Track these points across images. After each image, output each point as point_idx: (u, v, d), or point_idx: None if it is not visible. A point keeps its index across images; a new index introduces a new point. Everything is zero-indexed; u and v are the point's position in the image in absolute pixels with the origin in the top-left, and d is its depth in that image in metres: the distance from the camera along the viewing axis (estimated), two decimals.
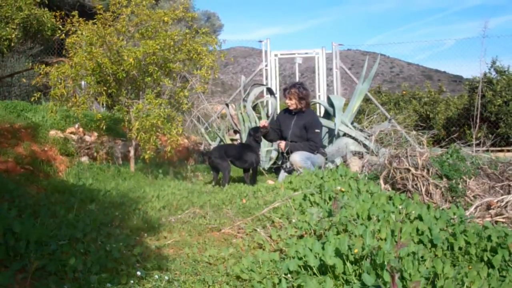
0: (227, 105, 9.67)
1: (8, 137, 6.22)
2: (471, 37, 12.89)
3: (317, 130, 7.16)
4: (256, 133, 6.90)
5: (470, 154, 5.89)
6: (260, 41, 11.93)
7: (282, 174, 7.02)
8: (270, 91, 10.04)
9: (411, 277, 2.71)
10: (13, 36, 8.47)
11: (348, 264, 2.87)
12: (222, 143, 9.28)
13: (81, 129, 7.27)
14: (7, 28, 8.48)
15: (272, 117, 8.63)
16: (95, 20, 6.62)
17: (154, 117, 6.10)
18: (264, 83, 11.13)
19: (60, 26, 7.32)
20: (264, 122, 7.23)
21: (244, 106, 8.87)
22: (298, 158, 6.83)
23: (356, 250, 2.87)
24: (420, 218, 3.95)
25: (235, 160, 6.71)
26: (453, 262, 3.25)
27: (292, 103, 7.32)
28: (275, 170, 7.87)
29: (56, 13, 8.46)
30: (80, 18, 6.77)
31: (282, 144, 7.25)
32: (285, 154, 7.13)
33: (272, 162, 8.41)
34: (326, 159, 7.32)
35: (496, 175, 5.57)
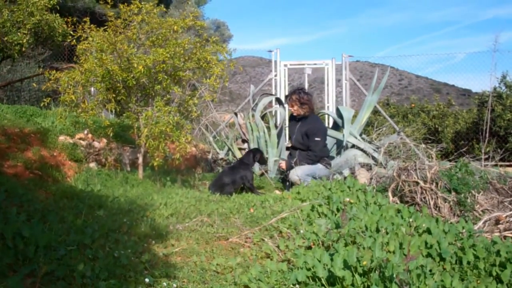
0: (235, 114, 9.69)
1: (17, 142, 6.25)
2: (482, 51, 12.87)
3: (317, 139, 7.15)
4: (260, 156, 6.98)
5: (479, 169, 5.88)
6: (270, 51, 11.96)
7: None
8: (279, 101, 10.05)
9: None
10: (24, 41, 8.51)
11: (356, 276, 2.87)
12: (229, 151, 9.29)
13: (90, 135, 7.29)
14: (19, 33, 8.52)
15: (280, 127, 8.63)
16: (106, 27, 6.66)
17: (163, 124, 6.11)
18: (273, 93, 11.16)
19: (71, 32, 7.36)
20: (283, 164, 7.42)
21: (253, 116, 8.88)
22: (296, 177, 6.85)
23: (365, 262, 2.86)
24: (428, 231, 3.94)
25: (232, 184, 6.62)
26: (461, 276, 3.24)
27: (294, 110, 7.42)
28: (282, 180, 7.86)
29: (67, 19, 8.51)
30: (91, 25, 6.81)
31: (283, 164, 7.33)
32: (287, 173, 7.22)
33: (280, 171, 8.40)
34: (331, 168, 7.30)
35: (505, 190, 5.56)
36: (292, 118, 7.69)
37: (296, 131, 7.37)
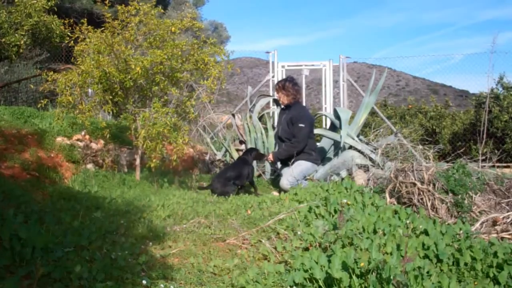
0: (233, 115, 9.68)
1: (15, 143, 6.23)
2: (479, 52, 12.86)
3: (301, 125, 7.14)
4: (256, 153, 7.08)
5: (476, 170, 5.88)
6: (268, 52, 11.98)
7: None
8: (276, 102, 10.04)
9: None
10: (22, 42, 8.50)
11: (354, 277, 2.87)
12: (227, 153, 9.28)
13: (87, 136, 7.28)
14: (16, 35, 8.51)
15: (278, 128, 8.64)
16: (103, 29, 6.65)
17: (161, 125, 6.11)
18: (271, 94, 11.15)
19: (69, 34, 7.36)
20: (270, 156, 7.43)
21: (250, 117, 8.87)
22: (286, 184, 6.88)
23: (362, 264, 2.86)
24: (426, 233, 3.94)
25: (235, 180, 6.62)
26: (458, 277, 3.24)
27: (279, 96, 7.58)
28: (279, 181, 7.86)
29: (65, 21, 8.50)
30: (89, 26, 6.80)
31: (270, 156, 7.34)
32: (276, 165, 7.52)
33: (276, 173, 8.39)
34: (319, 164, 7.36)
35: (502, 191, 5.56)
36: (281, 109, 7.85)
37: (282, 120, 7.48)
